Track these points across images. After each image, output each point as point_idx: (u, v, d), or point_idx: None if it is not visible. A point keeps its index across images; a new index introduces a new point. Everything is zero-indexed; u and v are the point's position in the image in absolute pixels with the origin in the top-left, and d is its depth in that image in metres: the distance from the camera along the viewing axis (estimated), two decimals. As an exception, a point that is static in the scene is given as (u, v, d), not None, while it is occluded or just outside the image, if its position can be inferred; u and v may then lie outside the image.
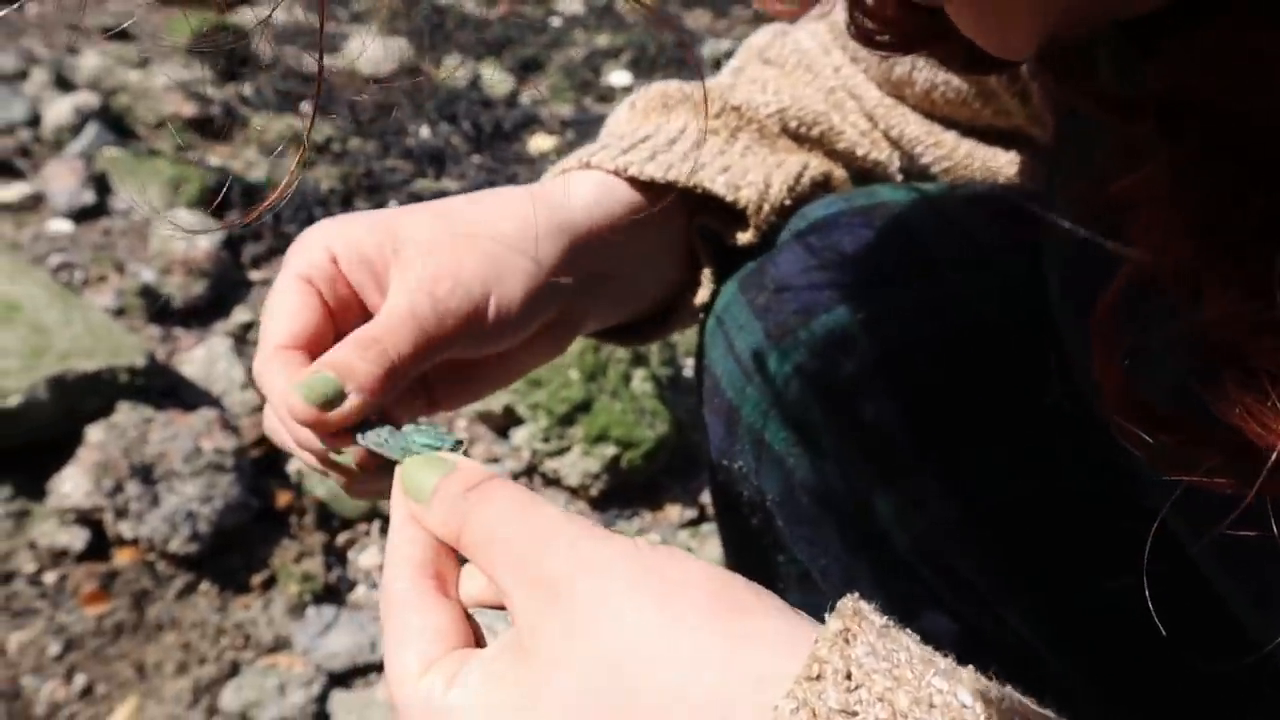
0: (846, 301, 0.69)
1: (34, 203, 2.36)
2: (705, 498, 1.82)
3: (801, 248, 0.71)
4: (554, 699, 0.38)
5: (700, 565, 0.41)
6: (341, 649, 1.47)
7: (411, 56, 3.22)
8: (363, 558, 1.66)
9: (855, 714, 0.34)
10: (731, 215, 0.72)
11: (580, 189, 0.66)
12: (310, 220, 2.38)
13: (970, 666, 0.37)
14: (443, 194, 2.42)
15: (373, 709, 1.38)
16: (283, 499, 1.65)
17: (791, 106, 0.75)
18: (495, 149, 2.85)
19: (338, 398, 0.50)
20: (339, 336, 0.56)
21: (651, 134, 0.70)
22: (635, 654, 0.38)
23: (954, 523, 0.69)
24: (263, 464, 1.72)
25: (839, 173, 0.76)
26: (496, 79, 3.34)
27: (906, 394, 0.68)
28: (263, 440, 1.74)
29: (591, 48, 3.94)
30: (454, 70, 3.16)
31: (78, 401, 1.62)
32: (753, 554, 0.80)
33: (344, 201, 2.47)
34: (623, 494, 1.78)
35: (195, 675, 1.43)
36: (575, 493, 1.77)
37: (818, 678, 0.35)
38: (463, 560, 0.46)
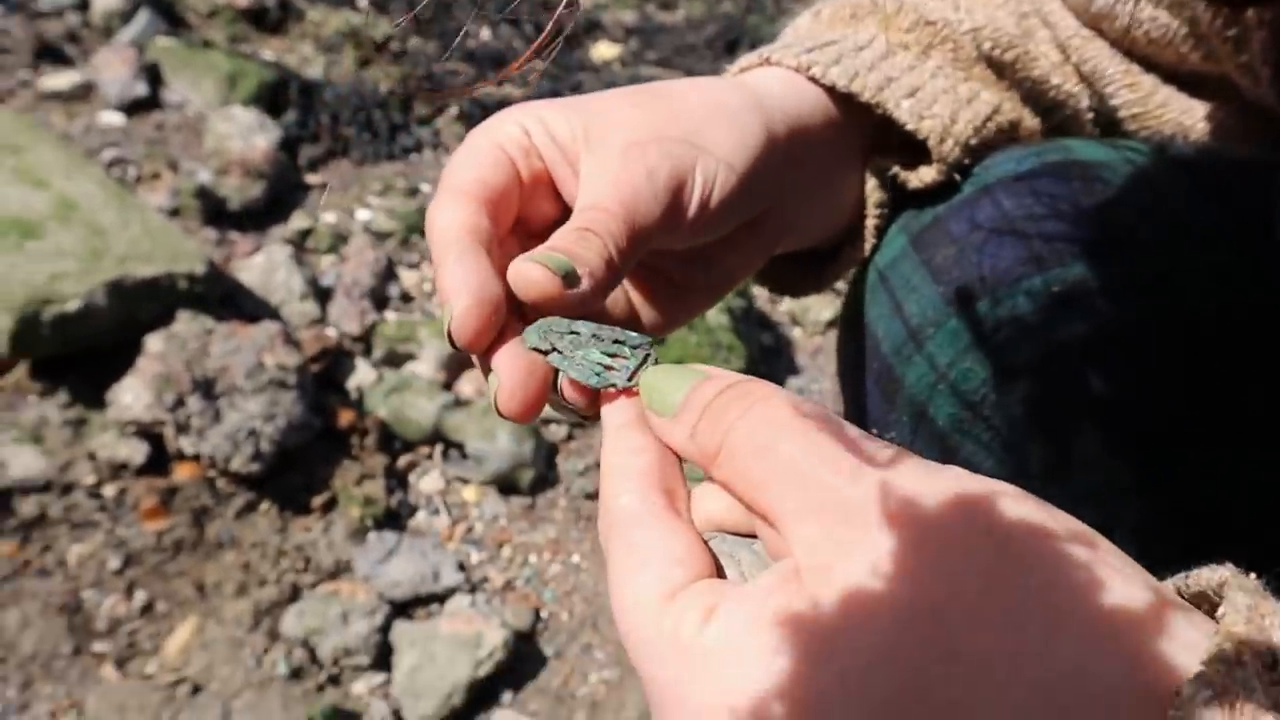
0: (1038, 273, 0.61)
1: (84, 92, 2.27)
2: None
3: (987, 211, 0.63)
4: (851, 652, 0.30)
5: (1048, 509, 0.33)
6: (404, 578, 1.43)
7: (472, -49, 3.08)
8: (424, 482, 1.61)
9: None
10: (912, 147, 0.64)
11: (766, 79, 0.60)
12: (369, 122, 2.29)
13: None
14: (505, 100, 2.32)
15: (436, 642, 1.35)
16: (344, 418, 1.60)
17: (986, 27, 0.67)
18: (558, 54, 2.73)
19: (573, 278, 0.44)
20: (525, 221, 0.52)
21: (837, 40, 0.63)
22: (963, 607, 0.30)
23: (1133, 522, 0.63)
24: (323, 379, 1.67)
25: (1030, 121, 0.68)
26: (558, -21, 3.20)
27: (1101, 379, 0.61)
28: (323, 354, 1.69)
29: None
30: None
31: (136, 308, 1.56)
32: None
33: (403, 104, 2.37)
34: (691, 429, 1.72)
35: (255, 597, 1.39)
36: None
37: (1238, 661, 0.27)
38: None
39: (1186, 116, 0.72)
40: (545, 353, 0.44)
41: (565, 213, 0.53)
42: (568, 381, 0.44)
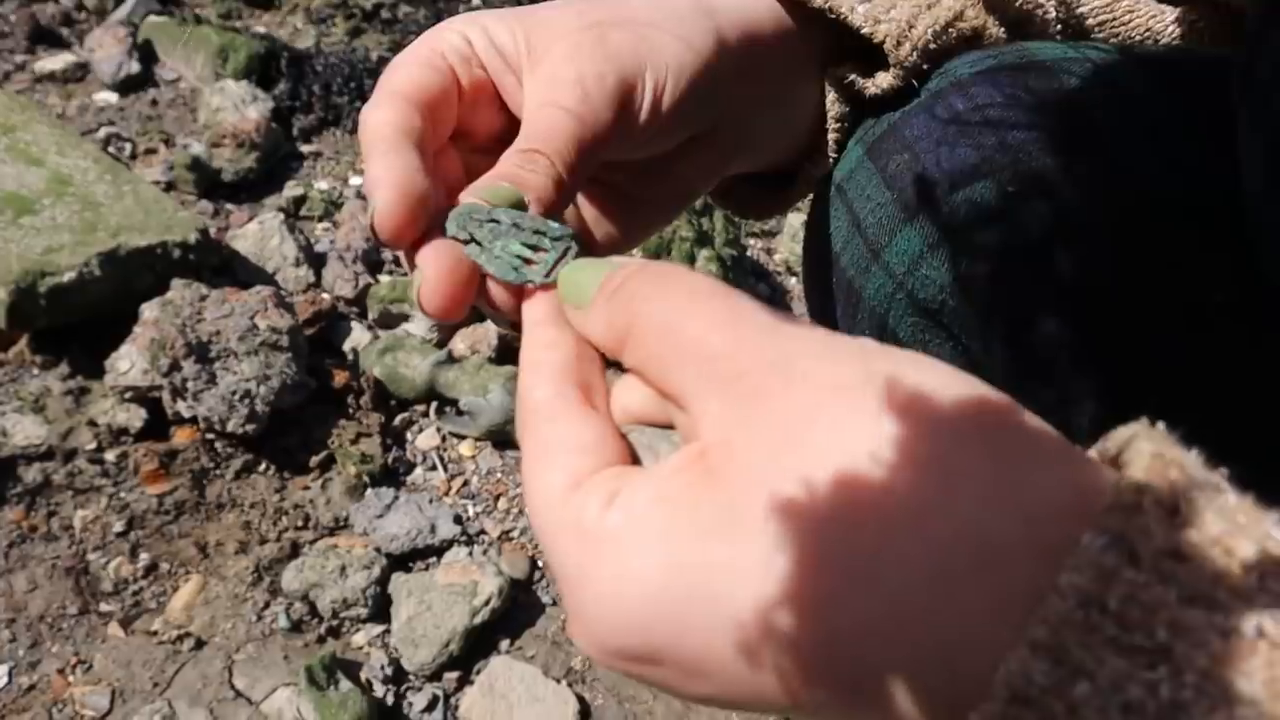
0: (993, 174, 0.59)
1: (80, 73, 2.30)
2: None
3: (943, 109, 0.62)
4: (752, 525, 0.29)
5: (947, 369, 0.32)
6: (400, 531, 1.46)
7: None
8: (420, 439, 1.64)
9: (1187, 559, 0.26)
10: (870, 58, 0.63)
11: None
12: (361, 91, 2.30)
13: None
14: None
15: (433, 592, 1.37)
16: (339, 378, 1.62)
17: None
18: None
19: (520, 207, 0.44)
20: (469, 133, 0.52)
21: None
22: (862, 473, 0.29)
23: (1097, 419, 0.62)
24: (318, 342, 1.69)
25: (994, 30, 0.66)
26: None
27: (1062, 280, 0.59)
28: (318, 317, 1.71)
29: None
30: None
31: (130, 278, 1.58)
32: None
33: (394, 72, 2.37)
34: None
35: (256, 555, 1.42)
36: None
37: (1136, 508, 0.27)
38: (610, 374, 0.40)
39: (1156, 21, 0.70)
40: (465, 242, 0.43)
41: (510, 122, 0.52)
42: (489, 279, 0.43)
